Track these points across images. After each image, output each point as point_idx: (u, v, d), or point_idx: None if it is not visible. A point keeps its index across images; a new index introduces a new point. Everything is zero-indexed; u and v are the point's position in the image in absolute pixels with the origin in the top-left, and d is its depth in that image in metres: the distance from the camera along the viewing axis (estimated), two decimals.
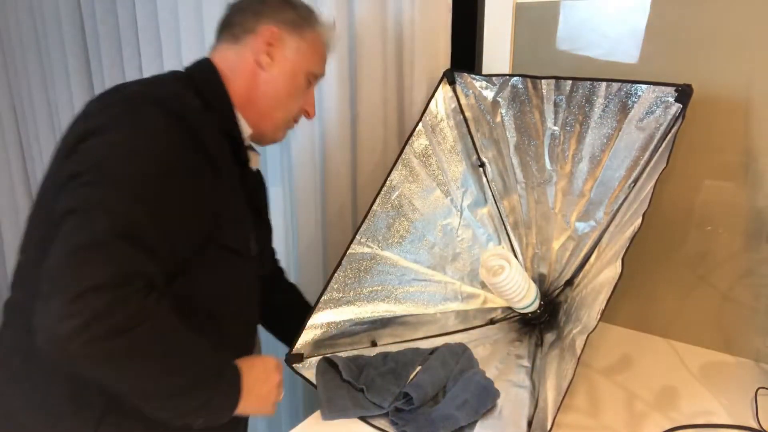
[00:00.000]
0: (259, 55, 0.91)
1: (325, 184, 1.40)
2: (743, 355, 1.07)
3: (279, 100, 0.94)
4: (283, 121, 0.97)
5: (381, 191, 1.12)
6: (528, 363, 1.03)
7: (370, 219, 1.11)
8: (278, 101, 0.94)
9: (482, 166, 1.17)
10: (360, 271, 1.11)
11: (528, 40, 1.18)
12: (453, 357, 1.02)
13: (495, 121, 1.14)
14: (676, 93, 0.93)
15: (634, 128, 0.98)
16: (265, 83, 0.92)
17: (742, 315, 1.06)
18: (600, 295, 0.84)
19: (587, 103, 1.03)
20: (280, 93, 0.93)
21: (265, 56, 0.91)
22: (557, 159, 1.09)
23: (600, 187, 1.05)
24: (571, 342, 0.88)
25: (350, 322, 1.10)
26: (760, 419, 0.90)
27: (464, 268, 1.18)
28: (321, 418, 0.92)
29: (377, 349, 1.10)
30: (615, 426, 0.89)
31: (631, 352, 1.10)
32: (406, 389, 0.93)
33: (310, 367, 1.04)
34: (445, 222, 1.17)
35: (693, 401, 0.95)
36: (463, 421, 0.87)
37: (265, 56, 0.91)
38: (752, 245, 1.03)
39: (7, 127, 2.22)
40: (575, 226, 1.09)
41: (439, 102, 1.16)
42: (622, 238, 0.88)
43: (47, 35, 1.89)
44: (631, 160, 1.00)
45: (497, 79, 1.11)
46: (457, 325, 1.17)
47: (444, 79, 1.15)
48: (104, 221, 0.66)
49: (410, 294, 1.15)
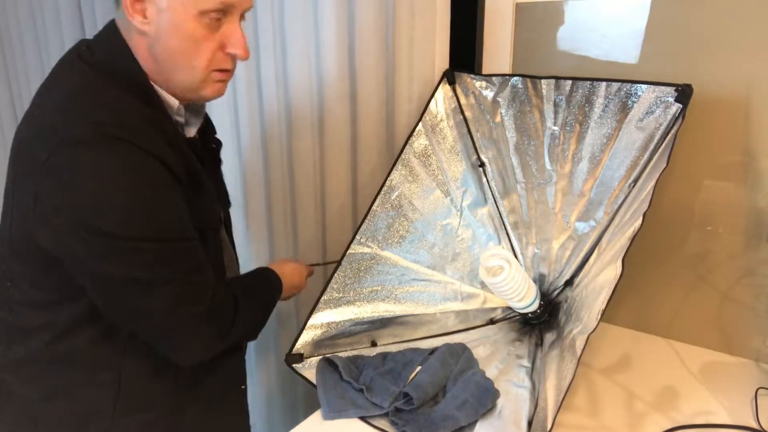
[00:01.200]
0: (132, 17, 0.77)
1: (324, 184, 1.40)
2: (743, 355, 1.07)
3: (176, 60, 0.79)
4: (199, 80, 0.82)
5: (381, 191, 1.12)
6: (528, 363, 1.03)
7: (370, 219, 1.11)
8: (176, 62, 0.80)
9: (482, 166, 1.17)
10: (360, 271, 1.11)
11: (528, 40, 1.18)
12: (453, 357, 1.02)
13: (495, 121, 1.14)
14: (676, 93, 0.93)
15: (634, 128, 0.98)
16: (153, 47, 0.79)
17: (742, 315, 1.06)
18: (600, 296, 0.84)
19: (587, 103, 1.03)
20: (173, 53, 0.79)
21: (138, 17, 0.77)
22: (557, 159, 1.09)
23: (600, 187, 1.05)
24: (571, 342, 0.88)
25: (350, 322, 1.10)
26: (760, 419, 0.89)
27: (464, 268, 1.18)
28: (321, 418, 0.92)
29: (377, 349, 1.10)
30: (615, 426, 0.89)
31: (631, 352, 1.10)
32: (406, 389, 0.93)
33: (310, 367, 1.04)
34: (445, 222, 1.17)
35: (693, 401, 0.95)
36: (463, 421, 0.87)
37: (138, 17, 0.77)
38: (752, 245, 1.03)
39: (7, 127, 2.22)
40: (575, 226, 1.09)
41: (439, 102, 1.16)
42: (622, 238, 0.88)
43: (47, 35, 1.89)
44: (631, 160, 1.00)
45: (497, 79, 1.11)
46: (457, 325, 1.17)
47: (444, 79, 1.15)
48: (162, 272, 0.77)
49: (410, 294, 1.15)
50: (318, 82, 1.34)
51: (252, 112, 1.47)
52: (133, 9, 0.76)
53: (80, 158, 0.72)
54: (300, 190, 1.44)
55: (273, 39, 1.38)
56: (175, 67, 0.80)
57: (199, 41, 0.79)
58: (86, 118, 0.74)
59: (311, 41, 1.32)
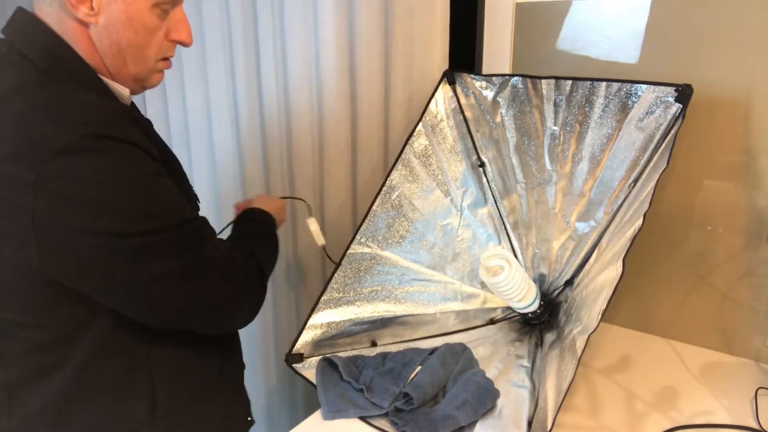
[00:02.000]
0: (77, 9, 0.71)
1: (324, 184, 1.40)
2: (743, 355, 1.07)
3: (128, 52, 0.76)
4: (149, 70, 0.80)
5: (381, 191, 1.12)
6: (528, 363, 1.03)
7: (370, 219, 1.11)
8: (128, 54, 0.76)
9: (482, 166, 1.17)
10: (360, 271, 1.11)
11: (528, 40, 1.18)
12: (453, 357, 1.02)
13: (495, 121, 1.14)
14: (676, 93, 0.93)
15: (634, 128, 0.98)
16: (100, 40, 0.74)
17: (742, 315, 1.06)
18: (600, 296, 0.84)
19: (587, 103, 1.03)
20: (127, 45, 0.75)
21: (84, 7, 0.71)
22: (557, 159, 1.09)
23: (600, 187, 1.05)
24: (571, 342, 0.88)
25: (350, 322, 1.10)
26: (760, 419, 0.90)
27: (464, 268, 1.18)
28: (321, 418, 0.92)
29: (377, 349, 1.10)
30: (615, 426, 0.89)
31: (631, 352, 1.10)
32: (406, 389, 0.93)
33: (310, 367, 1.04)
34: (445, 222, 1.17)
35: (693, 401, 0.95)
36: (463, 421, 0.87)
37: (84, 7, 0.71)
38: (752, 245, 1.03)
39: None
40: (575, 226, 1.09)
41: (439, 102, 1.16)
42: (622, 238, 0.88)
43: None
44: (631, 160, 1.00)
45: (497, 79, 1.11)
46: (457, 325, 1.17)
47: (444, 79, 1.15)
48: (195, 254, 0.75)
49: (410, 294, 1.15)
50: (318, 82, 1.34)
51: (252, 111, 1.47)
52: (78, 1, 0.71)
53: (77, 166, 0.66)
54: (300, 190, 1.44)
55: (273, 39, 1.38)
56: (126, 58, 0.77)
57: (153, 32, 0.77)
58: (64, 123, 0.67)
59: (311, 41, 1.32)
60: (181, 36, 0.80)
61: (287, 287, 1.55)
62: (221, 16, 1.45)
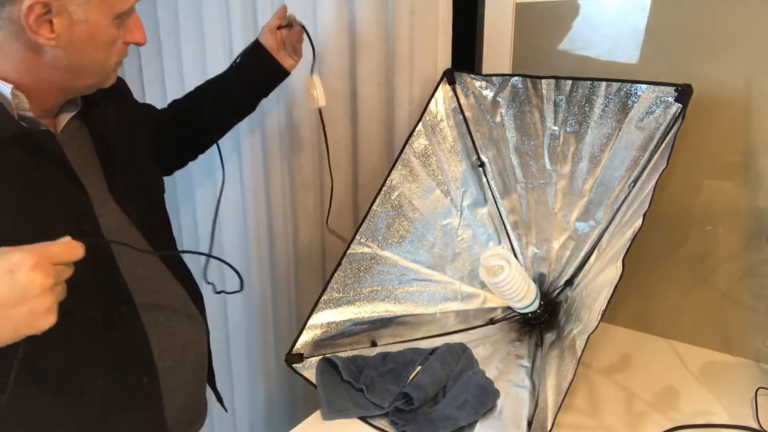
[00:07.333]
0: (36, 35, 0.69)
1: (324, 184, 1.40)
2: (743, 355, 1.07)
3: (88, 68, 0.76)
4: (106, 77, 0.80)
5: (381, 191, 1.12)
6: (528, 363, 1.03)
7: (370, 219, 1.11)
8: (87, 69, 0.76)
9: (482, 166, 1.17)
10: (360, 271, 1.11)
11: (528, 40, 1.18)
12: (453, 357, 1.02)
13: (495, 121, 1.14)
14: (676, 93, 0.93)
15: (634, 128, 0.98)
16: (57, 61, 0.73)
17: (742, 315, 1.06)
18: (600, 296, 0.84)
19: (587, 103, 1.03)
20: (88, 61, 0.75)
21: (44, 32, 0.69)
22: (557, 159, 1.09)
23: (600, 187, 1.05)
24: (571, 342, 0.88)
25: (350, 322, 1.10)
26: (760, 419, 0.90)
27: (464, 268, 1.18)
28: (321, 418, 0.92)
29: (377, 349, 1.10)
30: (615, 426, 0.89)
31: (631, 352, 1.10)
32: (406, 389, 0.93)
33: (310, 367, 1.04)
34: (445, 222, 1.17)
35: (693, 401, 0.95)
36: (463, 421, 0.87)
37: (44, 32, 0.69)
38: (752, 245, 1.03)
39: None
40: (575, 226, 1.09)
41: (439, 102, 1.16)
42: (622, 238, 0.88)
43: None
44: (631, 160, 1.00)
45: (497, 79, 1.11)
46: (457, 325, 1.17)
47: (444, 78, 1.15)
48: None
49: (410, 294, 1.15)
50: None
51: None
52: (37, 25, 0.68)
53: None
54: (300, 190, 1.44)
55: None
56: (84, 73, 0.77)
57: (113, 43, 0.77)
58: None
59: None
60: (135, 37, 0.80)
61: (287, 287, 1.55)
62: (221, 16, 1.45)
